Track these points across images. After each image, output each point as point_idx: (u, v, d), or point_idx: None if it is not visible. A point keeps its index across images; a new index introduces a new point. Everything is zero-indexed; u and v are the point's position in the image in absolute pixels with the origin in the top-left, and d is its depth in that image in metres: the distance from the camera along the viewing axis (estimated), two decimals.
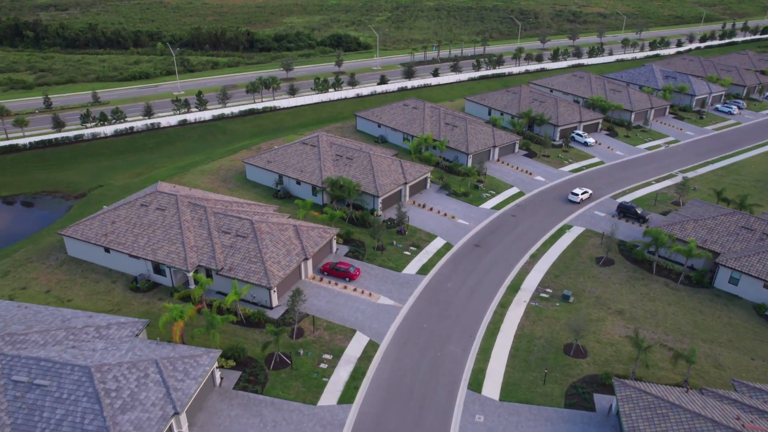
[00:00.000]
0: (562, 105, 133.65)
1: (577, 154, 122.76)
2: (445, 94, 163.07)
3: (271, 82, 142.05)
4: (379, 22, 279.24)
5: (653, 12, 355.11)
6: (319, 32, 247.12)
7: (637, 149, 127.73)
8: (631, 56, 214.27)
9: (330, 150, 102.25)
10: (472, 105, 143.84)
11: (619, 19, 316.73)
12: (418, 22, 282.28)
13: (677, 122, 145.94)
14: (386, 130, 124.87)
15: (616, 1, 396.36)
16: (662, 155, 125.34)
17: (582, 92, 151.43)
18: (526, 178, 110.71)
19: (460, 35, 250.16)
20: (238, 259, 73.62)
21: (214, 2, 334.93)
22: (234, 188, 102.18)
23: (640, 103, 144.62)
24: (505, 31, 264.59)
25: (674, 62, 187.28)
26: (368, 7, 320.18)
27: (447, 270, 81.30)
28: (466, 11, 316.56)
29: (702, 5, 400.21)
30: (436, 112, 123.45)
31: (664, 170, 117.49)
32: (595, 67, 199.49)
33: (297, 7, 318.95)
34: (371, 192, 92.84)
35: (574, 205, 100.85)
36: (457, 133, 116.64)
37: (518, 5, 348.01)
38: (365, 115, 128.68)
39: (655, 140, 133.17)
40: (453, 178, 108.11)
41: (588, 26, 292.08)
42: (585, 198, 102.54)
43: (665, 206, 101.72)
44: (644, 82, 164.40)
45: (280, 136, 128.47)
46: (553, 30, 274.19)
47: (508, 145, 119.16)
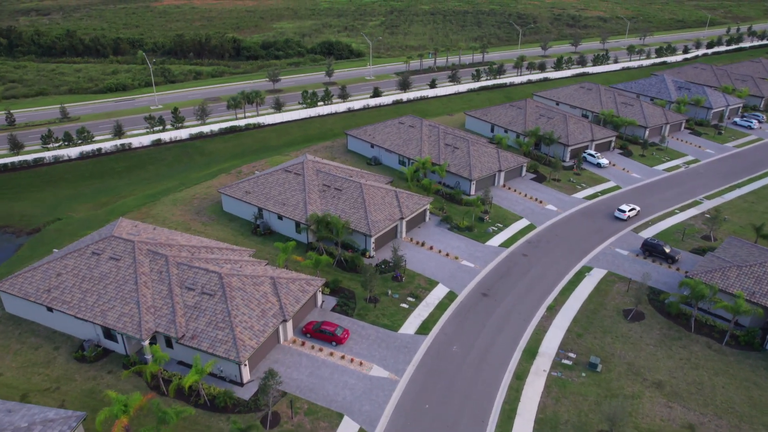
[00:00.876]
0: (571, 122, 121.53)
1: (590, 178, 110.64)
2: (444, 108, 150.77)
3: (254, 96, 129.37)
4: (373, 27, 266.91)
5: (653, 15, 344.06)
6: (310, 38, 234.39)
7: (655, 171, 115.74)
8: (637, 64, 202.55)
9: (316, 179, 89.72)
10: (474, 121, 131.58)
11: (620, 23, 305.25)
12: (413, 27, 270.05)
13: (694, 138, 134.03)
14: (380, 151, 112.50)
15: (615, 5, 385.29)
16: (683, 178, 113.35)
17: (591, 106, 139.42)
18: (536, 207, 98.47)
19: (457, 41, 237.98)
20: (203, 323, 61.07)
21: (203, 6, 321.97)
22: (208, 222, 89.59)
23: (655, 117, 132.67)
24: (504, 36, 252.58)
25: (685, 71, 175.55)
26: (361, 12, 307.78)
27: (451, 327, 68.98)
28: (463, 15, 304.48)
29: (702, 8, 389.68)
30: (435, 131, 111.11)
31: (687, 196, 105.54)
32: (600, 76, 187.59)
33: (288, 11, 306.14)
34: (362, 231, 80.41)
35: (593, 240, 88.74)
36: (458, 155, 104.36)
37: (515, 9, 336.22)
38: (357, 134, 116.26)
39: (674, 160, 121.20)
40: (455, 209, 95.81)
41: (589, 31, 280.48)
42: (632, 215, 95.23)
43: (694, 241, 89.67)
44: (656, 93, 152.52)
45: (264, 158, 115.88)
46: (554, 35, 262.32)
47: (514, 169, 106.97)
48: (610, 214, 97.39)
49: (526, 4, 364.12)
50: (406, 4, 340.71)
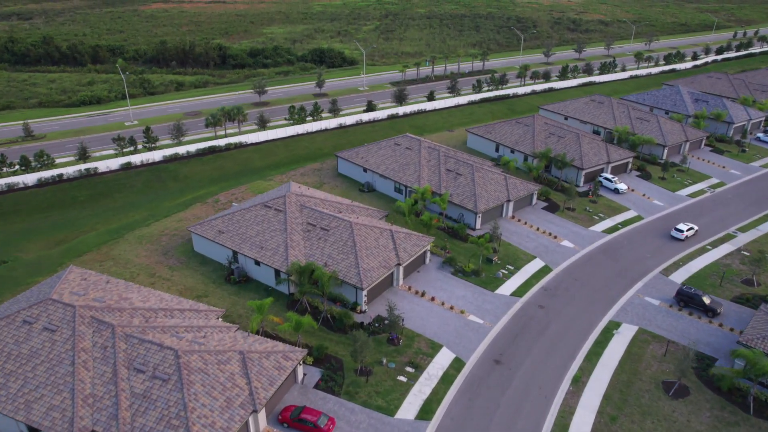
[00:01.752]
0: (585, 141, 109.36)
1: (608, 206, 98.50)
2: (443, 122, 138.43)
3: (236, 113, 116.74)
4: (367, 32, 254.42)
5: (655, 18, 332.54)
6: (301, 45, 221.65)
7: (678, 196, 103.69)
8: (645, 71, 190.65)
9: (300, 216, 77.28)
10: (476, 139, 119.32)
11: (622, 27, 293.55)
12: (408, 32, 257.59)
13: (716, 157, 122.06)
14: (374, 177, 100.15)
15: (615, 8, 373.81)
16: (710, 205, 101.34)
17: (603, 121, 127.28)
18: (550, 243, 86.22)
19: (455, 47, 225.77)
20: (153, 419, 48.60)
21: (193, 10, 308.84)
22: (176, 266, 77.13)
23: (673, 135, 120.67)
24: (504, 42, 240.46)
25: (699, 81, 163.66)
26: (355, 15, 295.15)
27: (459, 409, 56.69)
28: (460, 19, 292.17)
29: (703, 11, 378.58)
30: (435, 154, 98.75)
31: (717, 227, 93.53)
32: (607, 86, 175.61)
33: (279, 15, 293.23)
34: (353, 282, 68.08)
35: (618, 285, 76.65)
36: (461, 183, 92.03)
37: (514, 12, 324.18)
38: (348, 157, 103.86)
39: (697, 183, 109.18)
40: (459, 247, 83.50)
41: (591, 36, 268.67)
42: (690, 235, 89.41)
43: (734, 287, 77.62)
44: (671, 106, 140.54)
45: (245, 182, 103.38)
46: (555, 40, 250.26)
47: (524, 197, 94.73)
48: (633, 251, 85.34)
49: (524, 6, 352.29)
50: (401, 8, 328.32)
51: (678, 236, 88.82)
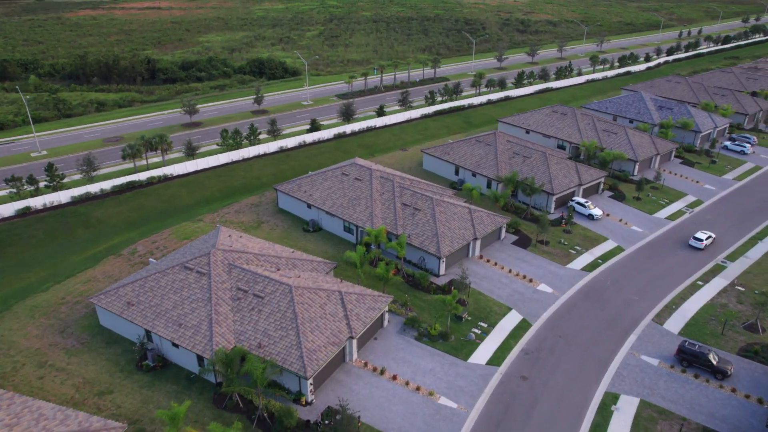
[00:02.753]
0: (553, 161, 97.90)
1: (584, 236, 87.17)
2: (396, 140, 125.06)
3: (158, 142, 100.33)
4: (311, 38, 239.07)
5: (601, 18, 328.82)
6: (240, 54, 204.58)
7: (657, 220, 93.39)
8: (601, 75, 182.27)
9: (228, 280, 62.55)
10: (433, 161, 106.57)
11: (570, 27, 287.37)
12: (354, 37, 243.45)
13: (687, 170, 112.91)
14: (319, 214, 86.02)
15: (560, 7, 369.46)
16: (691, 228, 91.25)
17: (567, 134, 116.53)
18: (526, 289, 74.01)
19: (404, 53, 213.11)
20: None
21: (123, 17, 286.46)
22: (75, 349, 61.34)
23: (644, 148, 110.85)
24: (454, 46, 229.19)
25: (658, 85, 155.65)
26: (298, 20, 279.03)
27: None
28: (407, 22, 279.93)
29: (644, 10, 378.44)
30: (389, 185, 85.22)
31: (704, 257, 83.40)
32: (565, 92, 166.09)
33: (217, 22, 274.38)
34: (295, 370, 53.82)
35: (608, 340, 64.96)
36: (420, 221, 78.88)
37: (461, 14, 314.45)
38: (289, 190, 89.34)
39: (674, 202, 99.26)
40: (421, 301, 70.31)
41: (541, 37, 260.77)
42: (709, 243, 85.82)
43: (737, 333, 67.06)
44: (635, 114, 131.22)
45: (170, 225, 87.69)
46: (506, 43, 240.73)
47: (492, 232, 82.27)
48: (619, 292, 74.06)
49: (471, 8, 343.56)
50: (346, 11, 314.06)
51: (698, 245, 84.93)
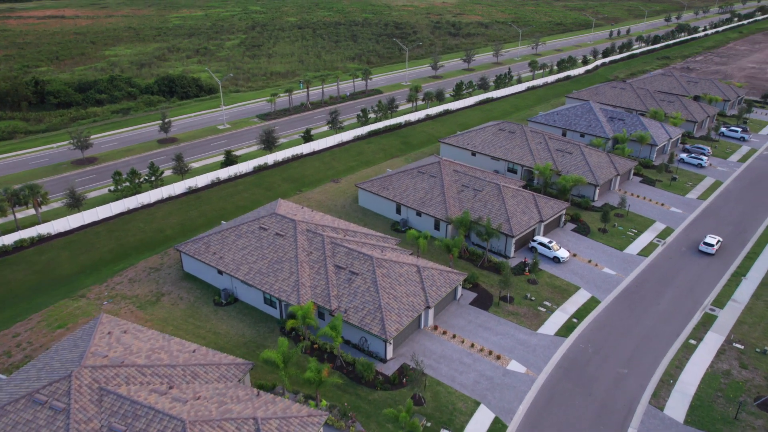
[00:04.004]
0: (508, 195, 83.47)
1: (552, 286, 73.09)
2: (326, 170, 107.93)
3: (28, 194, 79.22)
4: (231, 48, 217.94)
5: (530, 18, 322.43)
6: (150, 69, 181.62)
7: (629, 258, 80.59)
8: (542, 81, 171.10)
9: (96, 414, 44.14)
10: (371, 197, 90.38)
11: (502, 29, 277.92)
12: (278, 46, 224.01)
13: (650, 191, 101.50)
14: (233, 282, 68.24)
15: (490, 8, 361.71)
16: (667, 266, 79.03)
17: (518, 156, 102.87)
18: (494, 372, 58.76)
19: (332, 62, 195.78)
20: None
21: (19, 28, 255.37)
22: None
23: (602, 169, 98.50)
24: (385, 53, 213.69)
25: (603, 92, 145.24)
26: (218, 29, 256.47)
27: None
28: (335, 28, 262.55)
29: (570, 9, 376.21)
30: (318, 242, 68.21)
31: (688, 303, 71.02)
32: (506, 101, 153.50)
33: (128, 32, 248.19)
34: None
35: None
36: (360, 288, 62.39)
37: (390, 17, 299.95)
38: (196, 252, 71.02)
39: (643, 233, 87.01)
40: (365, 402, 53.85)
41: (473, 40, 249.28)
42: (719, 248, 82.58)
43: (752, 415, 54.10)
44: (586, 127, 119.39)
45: (42, 308, 67.74)
46: (439, 48, 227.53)
47: (447, 294, 66.79)
48: (604, 365, 60.12)
49: (400, 10, 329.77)
50: (270, 17, 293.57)
51: (708, 251, 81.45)
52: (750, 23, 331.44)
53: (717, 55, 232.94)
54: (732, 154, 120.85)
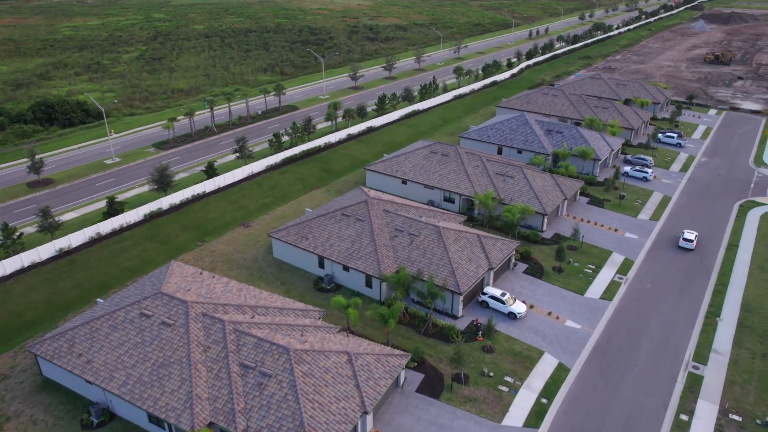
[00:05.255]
0: (450, 238, 69.97)
1: (512, 354, 60.17)
2: (234, 211, 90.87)
3: None
4: (128, 62, 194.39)
5: (448, 19, 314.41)
6: (27, 91, 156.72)
7: (591, 303, 69.13)
8: (469, 88, 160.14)
9: None
10: (287, 249, 74.55)
11: (421, 31, 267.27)
12: (182, 58, 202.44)
13: (600, 213, 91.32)
14: (106, 396, 50.91)
15: (407, 9, 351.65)
16: (634, 309, 68.22)
17: (455, 183, 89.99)
18: None
19: (242, 75, 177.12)
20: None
21: None
22: None
23: (549, 194, 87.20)
24: (300, 62, 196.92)
25: (535, 100, 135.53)
26: (114, 40, 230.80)
27: None
28: (245, 36, 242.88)
29: (486, 8, 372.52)
30: (218, 329, 51.62)
31: (668, 359, 60.11)
32: (433, 113, 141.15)
33: (6, 45, 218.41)
34: None
35: None
36: (274, 397, 46.44)
37: (305, 22, 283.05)
38: (56, 354, 53.01)
39: (602, 269, 75.97)
40: None
41: (392, 44, 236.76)
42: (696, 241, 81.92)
43: None
44: (523, 143, 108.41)
45: None
46: (357, 54, 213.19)
47: (389, 384, 52.19)
48: None
49: (315, 14, 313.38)
50: (175, 25, 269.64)
51: (688, 246, 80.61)
52: (656, 20, 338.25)
53: (634, 54, 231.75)
54: (672, 163, 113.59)
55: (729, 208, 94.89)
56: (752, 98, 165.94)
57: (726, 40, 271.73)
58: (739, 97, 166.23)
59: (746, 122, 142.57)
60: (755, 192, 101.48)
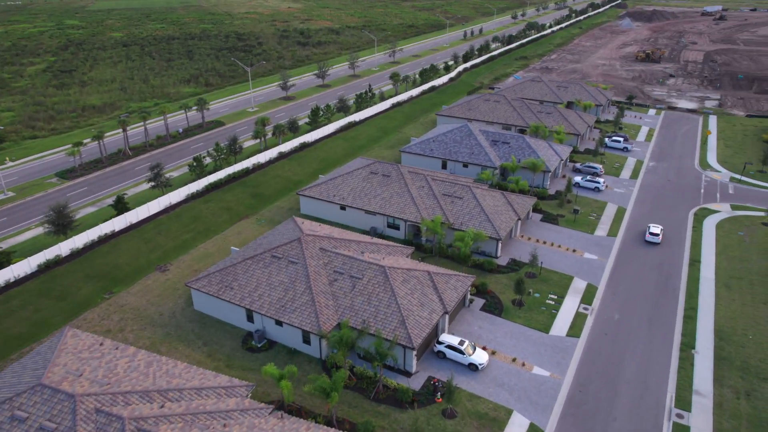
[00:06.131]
0: (398, 281, 60.32)
1: (477, 418, 51.24)
2: (149, 251, 78.41)
3: None
4: (34, 75, 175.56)
5: (381, 21, 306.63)
6: None
7: (558, 344, 61.27)
8: (407, 95, 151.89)
9: None
10: (209, 301, 63.40)
11: (354, 34, 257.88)
12: (97, 69, 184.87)
13: (555, 232, 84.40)
14: None
15: (339, 11, 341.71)
16: (604, 347, 61.08)
17: (399, 208, 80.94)
18: None
19: (163, 88, 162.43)
20: None
21: None
22: None
23: (501, 215, 79.51)
24: (227, 72, 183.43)
25: (477, 106, 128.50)
26: (19, 50, 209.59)
27: None
28: (167, 44, 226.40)
29: (419, 9, 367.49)
30: (117, 429, 40.71)
31: (650, 408, 52.95)
32: (371, 124, 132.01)
33: None
34: None
35: None
36: None
37: (232, 27, 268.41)
38: None
39: (564, 297, 68.59)
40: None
41: (325, 49, 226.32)
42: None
43: None
44: (468, 156, 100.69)
45: None
46: (289, 61, 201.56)
47: None
48: None
49: (243, 19, 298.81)
50: (90, 33, 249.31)
51: (654, 240, 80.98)
52: (586, 18, 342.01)
53: (568, 53, 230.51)
54: (622, 169, 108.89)
55: (684, 217, 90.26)
56: (686, 96, 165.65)
57: (653, 38, 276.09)
58: (674, 96, 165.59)
59: (685, 122, 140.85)
60: (706, 198, 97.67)
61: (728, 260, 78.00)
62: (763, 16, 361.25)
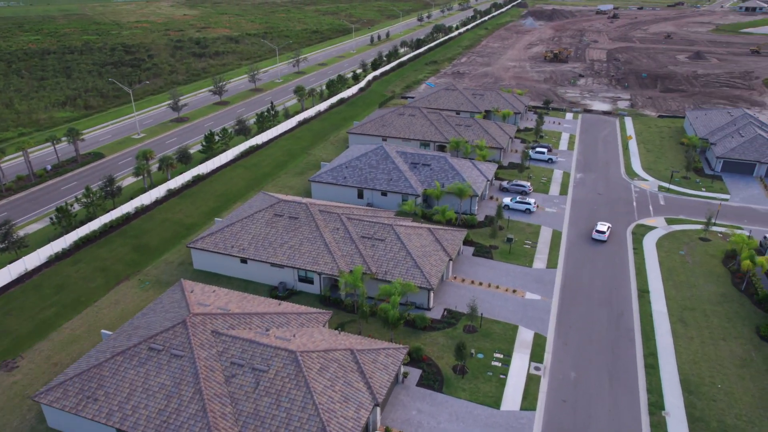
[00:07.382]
0: (313, 372, 47.00)
1: None
2: None
3: None
4: None
5: (283, 27, 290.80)
6: None
7: (513, 421, 50.72)
8: (314, 111, 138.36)
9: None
10: (65, 419, 47.79)
11: (255, 43, 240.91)
12: None
13: (490, 268, 74.30)
14: None
15: (238, 18, 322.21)
16: (567, 418, 51.30)
17: (311, 257, 67.81)
18: None
19: (32, 114, 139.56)
20: None
21: None
22: None
23: (429, 257, 68.36)
24: (111, 91, 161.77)
25: (391, 122, 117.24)
26: None
27: None
28: (41, 59, 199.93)
29: (323, 13, 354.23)
30: None
31: None
32: (276, 146, 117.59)
33: None
34: None
35: None
36: None
37: (119, 38, 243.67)
38: None
39: (511, 355, 58.34)
40: None
41: (223, 60, 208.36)
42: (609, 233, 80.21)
43: None
44: (387, 183, 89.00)
45: None
46: (182, 75, 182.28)
47: None
48: None
49: (132, 29, 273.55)
50: None
51: (601, 238, 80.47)
52: (490, 19, 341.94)
53: (478, 55, 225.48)
54: (550, 184, 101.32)
55: (623, 238, 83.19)
56: (599, 97, 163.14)
57: (556, 37, 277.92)
58: (588, 97, 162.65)
59: (603, 125, 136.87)
60: (640, 212, 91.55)
61: (676, 287, 71.02)
62: (650, 14, 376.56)
